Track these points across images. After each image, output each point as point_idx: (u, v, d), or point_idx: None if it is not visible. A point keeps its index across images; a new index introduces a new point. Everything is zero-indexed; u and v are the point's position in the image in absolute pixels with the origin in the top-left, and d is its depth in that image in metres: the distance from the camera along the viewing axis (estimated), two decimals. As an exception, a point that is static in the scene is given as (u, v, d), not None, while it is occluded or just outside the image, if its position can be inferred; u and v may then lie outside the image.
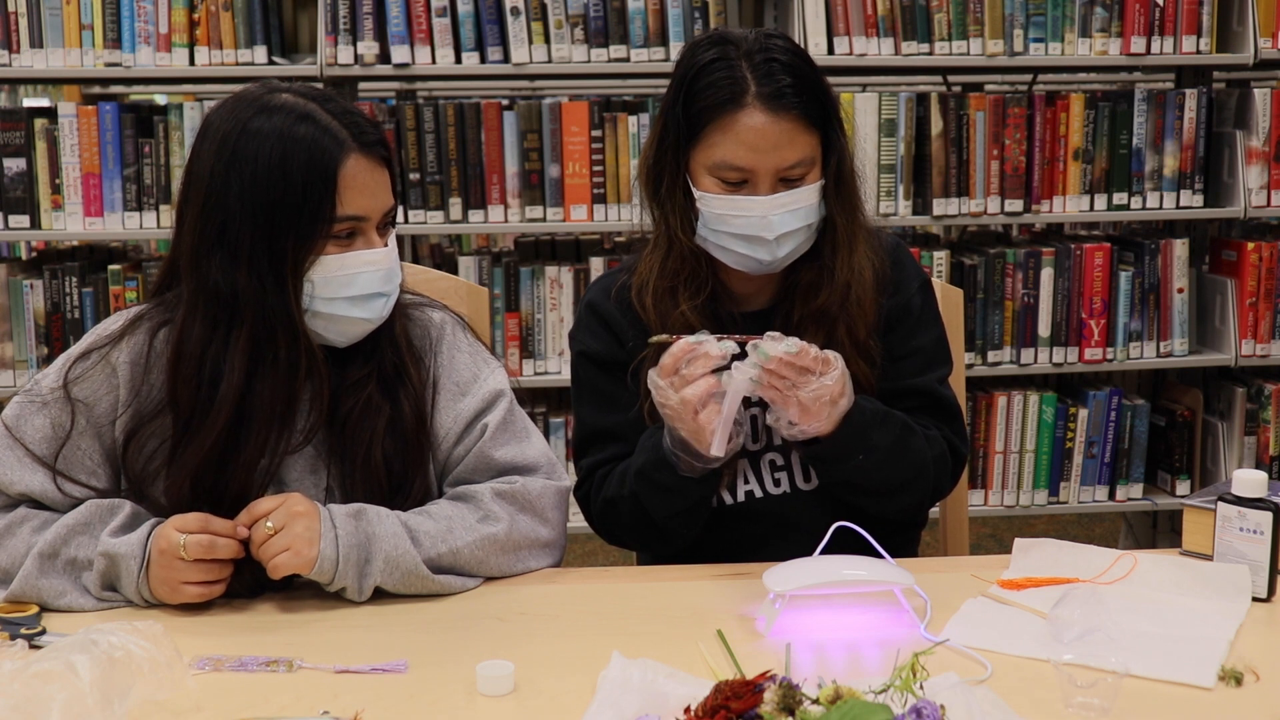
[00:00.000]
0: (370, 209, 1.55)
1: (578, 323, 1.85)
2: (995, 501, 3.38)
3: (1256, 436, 3.42)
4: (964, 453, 1.82)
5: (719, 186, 1.67)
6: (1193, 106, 3.25)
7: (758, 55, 1.65)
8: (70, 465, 1.57)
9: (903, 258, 1.82)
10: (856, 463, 1.65)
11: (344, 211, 1.53)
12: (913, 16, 3.15)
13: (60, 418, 1.58)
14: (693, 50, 1.70)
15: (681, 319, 1.71)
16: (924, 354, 1.79)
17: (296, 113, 1.53)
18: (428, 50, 3.07)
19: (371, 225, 1.56)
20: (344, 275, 1.54)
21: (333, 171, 1.52)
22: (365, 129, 1.56)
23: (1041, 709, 1.27)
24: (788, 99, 1.63)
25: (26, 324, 3.14)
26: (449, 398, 1.67)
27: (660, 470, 1.66)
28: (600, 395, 1.80)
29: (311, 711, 1.27)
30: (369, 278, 1.56)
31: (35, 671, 1.17)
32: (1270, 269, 3.31)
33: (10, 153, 3.07)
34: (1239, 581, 1.52)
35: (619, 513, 1.74)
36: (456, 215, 3.14)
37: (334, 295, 1.55)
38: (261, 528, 1.50)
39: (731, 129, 1.64)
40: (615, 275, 1.83)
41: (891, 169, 3.20)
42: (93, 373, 1.59)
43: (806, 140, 1.66)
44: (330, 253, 1.54)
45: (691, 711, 1.18)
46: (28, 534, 1.54)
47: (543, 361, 3.23)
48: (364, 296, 1.56)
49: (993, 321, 3.29)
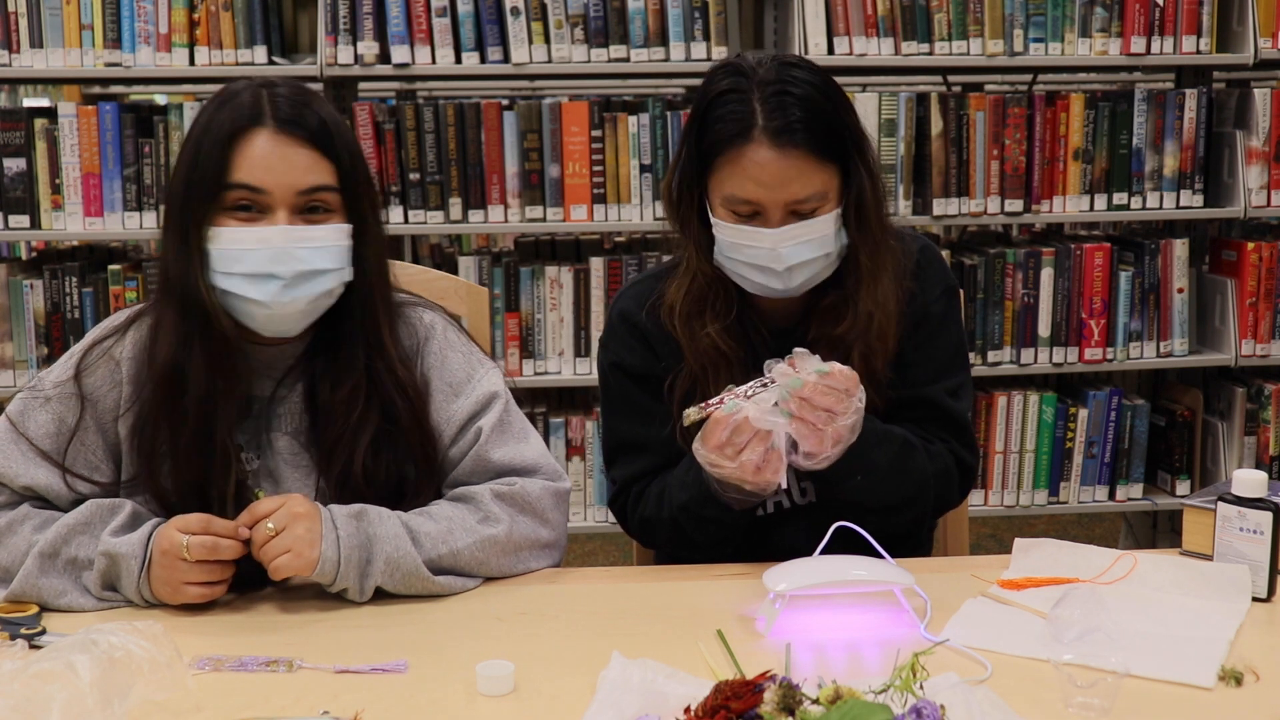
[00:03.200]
0: (271, 184, 1.52)
1: (610, 331, 1.83)
2: (995, 501, 3.38)
3: (1256, 436, 3.42)
4: (972, 465, 1.79)
5: (731, 217, 1.66)
6: (1193, 106, 3.25)
7: (771, 87, 1.62)
8: (74, 460, 1.58)
9: (930, 261, 1.80)
10: (855, 482, 1.65)
11: (237, 178, 1.52)
12: (913, 16, 3.15)
13: (64, 413, 1.58)
14: (710, 78, 1.68)
15: (709, 339, 1.71)
16: (936, 362, 1.77)
17: (236, 97, 1.55)
18: (428, 50, 3.07)
19: (280, 204, 1.53)
20: (236, 250, 1.52)
21: (233, 139, 1.52)
22: (283, 107, 1.54)
23: (1041, 709, 1.27)
24: (796, 134, 1.61)
25: (26, 324, 3.13)
26: (442, 399, 1.66)
27: (707, 506, 1.66)
28: (633, 407, 1.79)
29: (311, 711, 1.27)
30: (259, 256, 1.52)
31: (35, 671, 1.17)
32: (1270, 269, 3.31)
33: (10, 153, 3.07)
34: (1239, 581, 1.52)
35: (656, 532, 1.77)
36: (456, 215, 3.14)
37: (229, 270, 1.53)
38: (263, 529, 1.50)
39: (739, 163, 1.62)
40: (648, 283, 1.81)
41: (891, 169, 3.19)
42: (97, 368, 1.60)
43: (818, 174, 1.63)
44: (228, 225, 1.53)
45: (691, 711, 1.18)
46: (29, 533, 1.54)
47: (543, 361, 3.23)
48: (255, 275, 1.52)
49: (993, 321, 3.28)
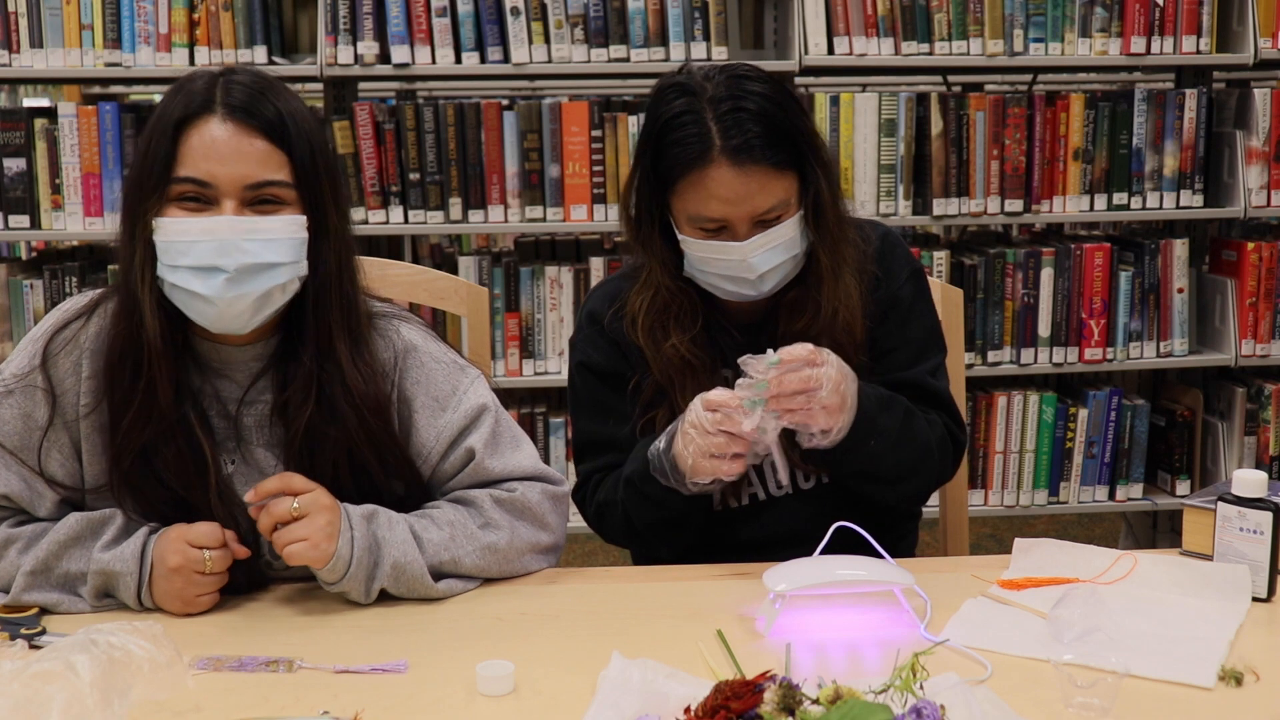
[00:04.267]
0: (218, 176, 1.46)
1: (578, 331, 1.85)
2: (995, 501, 3.38)
3: (1256, 436, 3.42)
4: (962, 441, 1.81)
5: (698, 233, 1.67)
6: (1193, 106, 3.25)
7: (724, 104, 1.63)
8: (45, 456, 1.53)
9: (892, 247, 1.80)
10: (869, 449, 1.65)
11: (183, 172, 1.46)
12: (913, 16, 3.15)
13: (30, 408, 1.53)
14: (660, 97, 1.68)
15: (673, 350, 1.72)
16: (914, 345, 1.78)
17: (191, 83, 1.50)
18: (428, 50, 3.07)
19: (228, 196, 1.46)
20: (182, 242, 1.46)
21: (179, 129, 1.47)
22: (239, 95, 1.48)
23: (1041, 709, 1.27)
24: (755, 151, 1.61)
25: (26, 324, 3.13)
26: (428, 414, 1.62)
27: (647, 482, 1.67)
28: (599, 406, 1.81)
29: (311, 711, 1.27)
30: (203, 248, 1.45)
31: (35, 671, 1.17)
32: (1270, 269, 3.31)
33: (10, 153, 3.07)
34: (1239, 581, 1.52)
35: (611, 516, 1.77)
36: (456, 215, 3.14)
37: (175, 263, 1.46)
38: (287, 504, 1.47)
39: (701, 185, 1.63)
40: (615, 284, 1.83)
41: (891, 169, 3.20)
42: (60, 356, 1.54)
43: (779, 185, 1.65)
44: (174, 215, 1.47)
45: (691, 711, 1.18)
46: (14, 556, 1.52)
47: (542, 362, 3.23)
48: (201, 269, 1.46)
49: (993, 321, 3.28)
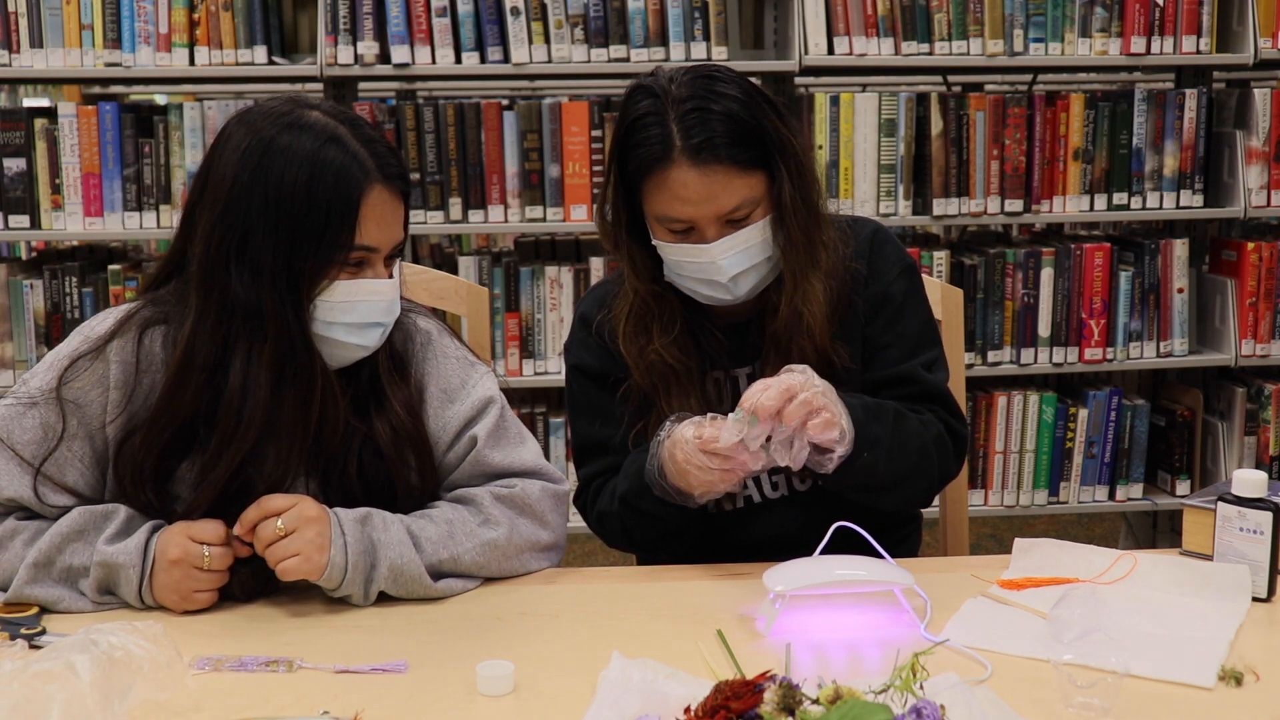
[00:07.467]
0: (383, 241, 1.55)
1: (571, 334, 1.86)
2: (995, 501, 3.38)
3: (1256, 436, 3.42)
4: (963, 433, 1.79)
5: (669, 235, 1.68)
6: (1193, 106, 3.25)
7: (686, 104, 1.63)
8: (62, 467, 1.55)
9: (882, 244, 1.79)
10: (863, 461, 1.63)
11: (360, 241, 1.52)
12: (913, 16, 3.15)
13: (50, 419, 1.54)
14: (628, 100, 1.69)
15: (656, 355, 1.73)
16: (907, 340, 1.77)
17: (326, 134, 1.51)
18: (428, 50, 3.07)
19: (381, 257, 1.55)
20: (349, 302, 1.53)
21: (356, 200, 1.51)
22: (389, 160, 1.55)
23: (1041, 709, 1.27)
24: (718, 150, 1.62)
25: (26, 324, 3.14)
26: (437, 405, 1.66)
27: (644, 498, 1.67)
28: (594, 409, 1.81)
29: (311, 711, 1.27)
30: (371, 307, 1.55)
31: (35, 671, 1.17)
32: (1270, 269, 3.31)
33: (10, 153, 3.07)
34: (1239, 581, 1.52)
35: (610, 525, 1.78)
36: (456, 215, 3.14)
37: (334, 320, 1.54)
38: (271, 526, 1.49)
39: (664, 185, 1.64)
40: (608, 287, 1.84)
41: (891, 169, 3.20)
42: (85, 373, 1.56)
43: (743, 184, 1.65)
44: (340, 278, 1.53)
45: (691, 711, 1.18)
46: (19, 547, 1.52)
47: (543, 361, 3.23)
48: (363, 325, 1.55)
49: (993, 321, 3.28)
